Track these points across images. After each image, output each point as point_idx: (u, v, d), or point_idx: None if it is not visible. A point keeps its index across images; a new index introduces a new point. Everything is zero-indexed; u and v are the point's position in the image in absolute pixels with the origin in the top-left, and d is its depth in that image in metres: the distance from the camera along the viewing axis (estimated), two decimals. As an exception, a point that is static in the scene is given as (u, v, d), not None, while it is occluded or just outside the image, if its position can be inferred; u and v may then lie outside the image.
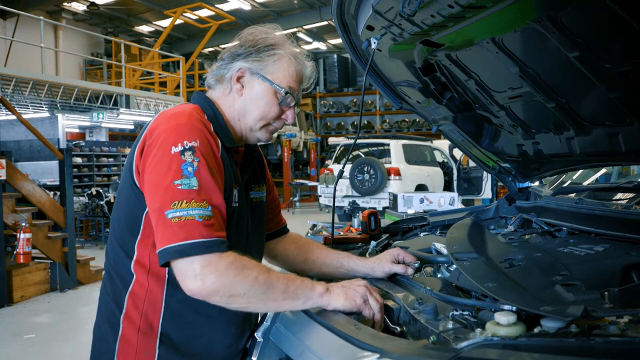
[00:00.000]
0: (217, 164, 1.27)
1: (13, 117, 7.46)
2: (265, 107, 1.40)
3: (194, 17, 15.34)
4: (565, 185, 2.40)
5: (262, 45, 1.39)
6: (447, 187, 10.73)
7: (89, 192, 9.77)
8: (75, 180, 11.46)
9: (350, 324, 1.13)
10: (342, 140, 13.81)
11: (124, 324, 1.30)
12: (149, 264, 1.29)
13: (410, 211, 5.77)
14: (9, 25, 13.48)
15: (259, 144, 1.54)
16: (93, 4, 14.69)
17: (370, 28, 1.58)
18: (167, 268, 1.23)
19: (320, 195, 11.94)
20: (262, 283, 1.18)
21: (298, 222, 8.98)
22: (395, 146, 10.30)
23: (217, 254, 1.16)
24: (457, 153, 9.90)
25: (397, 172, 9.82)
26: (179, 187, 1.17)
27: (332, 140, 17.99)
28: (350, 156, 10.89)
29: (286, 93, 1.40)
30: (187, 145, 1.21)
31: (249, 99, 1.40)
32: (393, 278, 1.59)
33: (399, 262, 1.58)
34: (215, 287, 1.14)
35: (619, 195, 1.92)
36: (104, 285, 1.39)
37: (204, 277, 1.13)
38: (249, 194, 1.48)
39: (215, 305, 1.21)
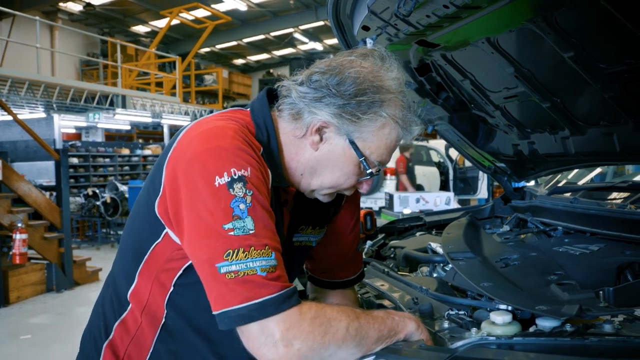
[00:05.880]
0: (268, 196, 1.02)
1: (9, 117, 7.43)
2: (341, 177, 1.12)
3: (190, 18, 15.28)
4: (560, 184, 2.40)
5: (367, 96, 1.05)
6: (443, 186, 10.72)
7: (85, 192, 9.74)
8: (72, 180, 11.42)
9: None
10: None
11: (106, 352, 1.13)
12: (146, 299, 1.09)
13: (407, 211, 5.79)
14: (4, 25, 13.39)
15: None
16: (89, 4, 14.62)
17: (365, 28, 1.58)
18: (164, 312, 1.08)
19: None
20: (355, 335, 0.96)
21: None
22: (392, 146, 10.29)
23: (296, 309, 0.93)
24: (453, 153, 9.89)
25: (394, 172, 9.80)
26: (231, 232, 0.92)
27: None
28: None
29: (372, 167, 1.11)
30: (235, 174, 0.95)
31: (325, 159, 1.11)
32: (389, 278, 1.60)
33: None
34: (304, 353, 0.91)
35: (614, 195, 1.92)
36: (103, 297, 1.20)
37: (288, 343, 0.90)
38: (292, 236, 1.24)
39: None
